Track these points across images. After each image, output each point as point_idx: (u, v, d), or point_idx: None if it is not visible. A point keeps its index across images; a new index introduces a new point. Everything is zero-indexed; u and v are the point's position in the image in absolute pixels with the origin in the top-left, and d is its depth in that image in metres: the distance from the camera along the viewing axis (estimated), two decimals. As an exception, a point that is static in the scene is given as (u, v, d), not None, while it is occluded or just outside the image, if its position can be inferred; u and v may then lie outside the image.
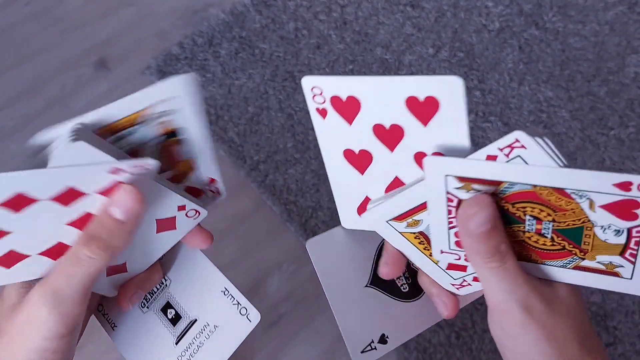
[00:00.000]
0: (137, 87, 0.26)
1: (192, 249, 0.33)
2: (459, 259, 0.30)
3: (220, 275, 0.33)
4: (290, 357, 0.66)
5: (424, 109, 0.25)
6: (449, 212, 0.27)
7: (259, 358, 0.66)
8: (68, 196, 0.26)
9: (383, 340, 0.33)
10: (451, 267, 0.31)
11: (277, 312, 0.68)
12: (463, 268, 0.31)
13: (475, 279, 0.32)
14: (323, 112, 0.28)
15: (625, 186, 0.24)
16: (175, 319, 0.32)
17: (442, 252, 0.30)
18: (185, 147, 0.31)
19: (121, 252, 0.28)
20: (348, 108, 0.27)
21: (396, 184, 0.29)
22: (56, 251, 0.28)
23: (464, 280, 0.32)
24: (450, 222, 0.28)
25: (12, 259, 0.27)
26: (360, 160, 0.30)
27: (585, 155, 0.78)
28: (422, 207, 0.28)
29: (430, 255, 0.31)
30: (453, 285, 0.32)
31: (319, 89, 0.27)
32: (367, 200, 0.31)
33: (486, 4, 0.89)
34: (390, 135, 0.27)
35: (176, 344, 0.32)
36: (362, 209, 0.32)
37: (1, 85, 0.81)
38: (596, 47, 0.86)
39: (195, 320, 0.32)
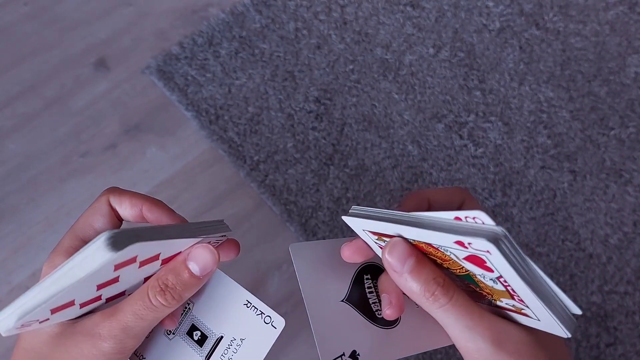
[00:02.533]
0: (136, 87, 0.26)
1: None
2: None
3: (241, 289, 0.33)
4: (290, 357, 0.66)
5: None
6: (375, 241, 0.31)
7: (259, 359, 0.66)
8: (152, 259, 0.28)
9: (354, 356, 0.33)
10: None
11: (277, 313, 0.68)
12: None
13: None
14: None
15: (462, 244, 0.24)
16: (202, 340, 0.33)
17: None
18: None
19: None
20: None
21: None
22: (120, 295, 0.30)
23: None
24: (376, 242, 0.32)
25: (88, 304, 0.28)
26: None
27: (586, 155, 0.78)
28: (390, 236, 0.29)
29: None
30: None
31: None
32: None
33: (487, 4, 0.89)
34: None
35: None
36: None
37: (0, 84, 0.81)
38: (597, 47, 0.86)
39: (222, 337, 0.33)
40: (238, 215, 0.73)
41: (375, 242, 0.31)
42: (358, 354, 0.33)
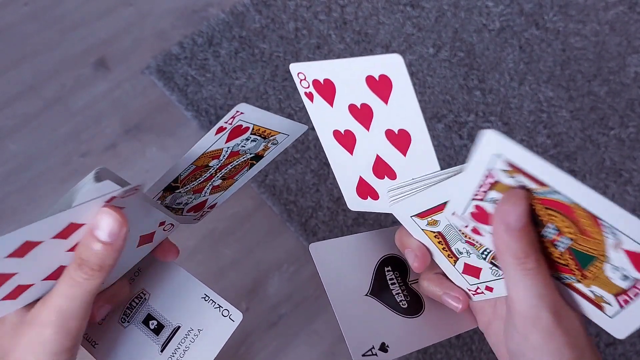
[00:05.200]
0: (136, 87, 0.27)
1: (168, 262, 0.34)
2: (467, 227, 0.29)
3: (199, 282, 0.34)
4: (290, 357, 0.66)
5: (381, 87, 0.26)
6: (481, 185, 0.27)
7: (260, 358, 0.66)
8: (69, 231, 0.27)
9: (384, 348, 0.33)
10: (467, 270, 0.32)
11: (277, 313, 0.68)
12: (477, 272, 0.31)
13: (489, 288, 0.32)
14: (310, 96, 0.30)
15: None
16: (158, 329, 0.33)
17: (453, 214, 0.29)
18: (246, 172, 0.35)
19: (113, 268, 0.29)
20: (327, 90, 0.29)
21: (379, 163, 0.30)
22: (58, 273, 0.29)
23: (478, 288, 0.32)
24: (476, 194, 0.27)
25: (18, 291, 0.28)
26: (346, 140, 0.31)
27: (586, 155, 0.78)
28: (440, 208, 0.29)
29: (449, 257, 0.32)
30: (469, 290, 0.33)
31: (303, 74, 0.29)
32: (361, 180, 0.32)
33: (487, 4, 0.89)
34: (363, 114, 0.29)
35: (161, 351, 0.33)
36: (359, 189, 0.33)
37: (0, 85, 0.81)
38: (597, 46, 0.86)
39: (179, 327, 0.33)
40: (238, 215, 0.73)
41: (424, 230, 0.31)
42: (387, 346, 0.33)
